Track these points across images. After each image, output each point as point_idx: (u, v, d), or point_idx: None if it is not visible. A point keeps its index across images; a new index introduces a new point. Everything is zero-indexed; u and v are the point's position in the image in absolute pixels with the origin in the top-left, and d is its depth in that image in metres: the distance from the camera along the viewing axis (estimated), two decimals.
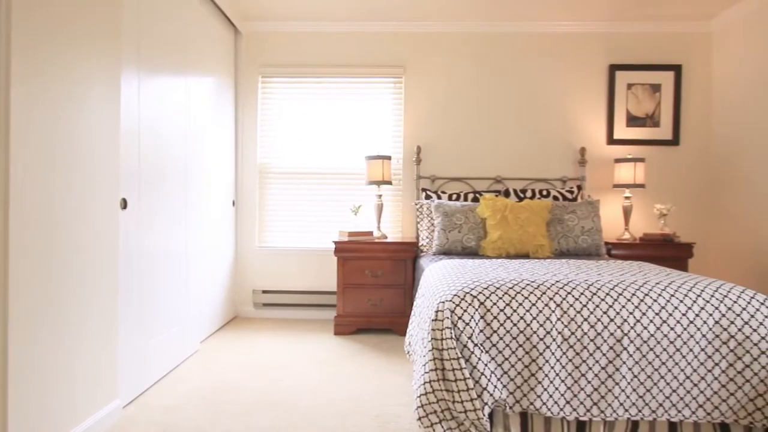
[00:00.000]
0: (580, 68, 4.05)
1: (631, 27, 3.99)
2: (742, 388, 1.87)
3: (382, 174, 3.73)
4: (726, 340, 1.89)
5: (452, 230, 3.38)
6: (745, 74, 3.64)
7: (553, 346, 1.88)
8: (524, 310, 1.93)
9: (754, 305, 1.93)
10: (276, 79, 4.13)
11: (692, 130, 4.03)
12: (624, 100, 4.00)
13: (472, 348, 1.84)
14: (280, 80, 4.13)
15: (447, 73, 4.08)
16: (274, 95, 4.15)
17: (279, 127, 4.14)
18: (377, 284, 3.55)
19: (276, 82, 4.14)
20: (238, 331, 3.58)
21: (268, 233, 4.15)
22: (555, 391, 1.86)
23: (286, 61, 4.10)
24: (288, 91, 4.14)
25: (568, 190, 3.79)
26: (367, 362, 2.90)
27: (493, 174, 4.06)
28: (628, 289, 2.00)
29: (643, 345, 1.89)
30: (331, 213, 4.12)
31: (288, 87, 4.13)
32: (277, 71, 4.10)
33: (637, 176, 3.69)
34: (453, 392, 1.78)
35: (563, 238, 3.35)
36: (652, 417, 1.89)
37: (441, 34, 4.08)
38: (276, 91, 4.14)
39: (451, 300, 1.94)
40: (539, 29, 4.03)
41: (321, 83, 4.12)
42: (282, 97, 4.14)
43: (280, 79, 4.13)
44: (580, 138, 4.05)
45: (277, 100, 4.14)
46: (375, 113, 4.12)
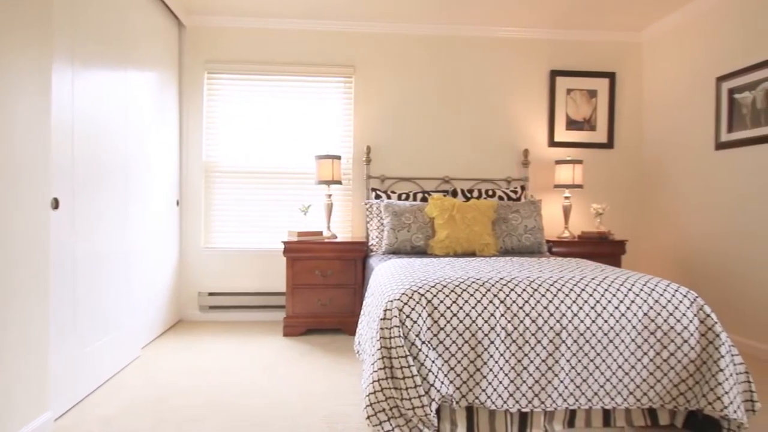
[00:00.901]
0: (524, 73, 4.21)
1: (571, 35, 4.19)
2: (667, 375, 2.01)
3: (332, 174, 3.72)
4: (653, 330, 2.03)
5: (401, 230, 3.43)
6: (671, 82, 3.92)
7: (497, 341, 1.95)
8: (470, 307, 1.98)
9: (678, 298, 2.08)
10: (223, 76, 4.02)
11: (625, 134, 4.29)
12: (564, 104, 4.20)
13: (420, 345, 1.88)
14: (227, 77, 4.02)
15: (397, 74, 4.13)
16: (221, 92, 4.03)
17: (226, 125, 4.03)
18: (327, 284, 3.54)
19: (223, 78, 4.03)
20: (183, 336, 3.47)
21: (215, 234, 4.04)
22: (499, 384, 1.92)
23: (233, 57, 4.00)
24: (236, 88, 4.04)
25: (513, 191, 3.93)
26: (317, 363, 2.89)
27: (442, 174, 4.14)
28: (566, 285, 2.11)
29: (580, 338, 1.99)
30: (280, 213, 4.06)
31: (236, 84, 4.04)
32: (224, 67, 3.99)
33: (575, 177, 3.88)
34: (401, 390, 1.80)
35: (508, 237, 3.48)
36: (588, 405, 2.00)
37: (391, 36, 4.12)
38: (223, 88, 4.03)
39: (399, 299, 1.97)
40: (486, 34, 4.15)
41: (270, 81, 4.05)
42: (229, 95, 4.04)
43: (227, 75, 4.02)
44: (523, 140, 4.21)
45: (224, 98, 4.04)
46: (325, 113, 4.10)
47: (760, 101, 3.06)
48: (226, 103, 4.03)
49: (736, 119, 3.24)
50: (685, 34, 3.76)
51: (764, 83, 3.03)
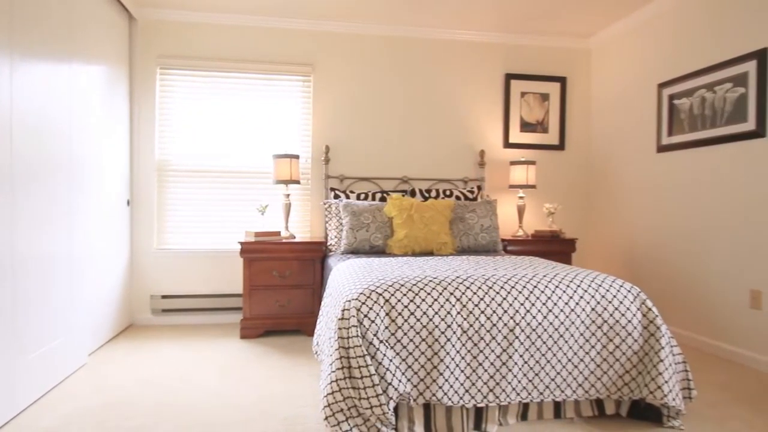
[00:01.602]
0: (480, 76, 4.30)
1: (524, 40, 4.32)
2: (613, 367, 2.11)
3: (290, 173, 3.68)
4: (600, 324, 2.13)
5: (360, 229, 3.43)
6: (617, 87, 4.11)
7: (454, 338, 1.99)
8: (427, 305, 2.02)
9: (623, 293, 2.19)
10: (177, 72, 3.90)
11: (575, 137, 4.46)
12: (518, 107, 4.32)
13: (378, 345, 1.89)
14: (182, 73, 3.90)
15: (356, 74, 4.13)
16: (175, 88, 3.91)
17: (181, 123, 3.91)
18: (285, 285, 3.50)
19: (176, 74, 3.90)
20: (134, 340, 3.34)
21: (169, 234, 3.91)
22: (455, 381, 1.96)
23: (188, 53, 3.89)
24: (191, 84, 3.92)
25: (469, 190, 4.01)
26: (275, 365, 2.85)
27: (400, 174, 4.18)
28: (519, 282, 2.17)
29: (532, 333, 2.06)
30: (237, 213, 3.98)
31: (190, 80, 3.92)
32: (178, 63, 3.87)
33: (529, 178, 4.00)
34: (359, 389, 1.81)
35: (464, 236, 3.55)
36: (540, 398, 2.07)
37: (350, 35, 4.11)
38: (177, 84, 3.91)
39: (357, 298, 1.97)
40: (444, 36, 4.21)
41: (226, 78, 3.96)
42: (184, 91, 3.92)
43: (182, 71, 3.90)
44: (480, 141, 4.31)
45: (179, 94, 3.91)
46: (283, 111, 4.05)
47: (696, 107, 3.26)
48: (180, 100, 3.91)
49: (676, 124, 3.44)
50: (630, 42, 3.95)
51: (700, 91, 3.22)
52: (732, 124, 2.99)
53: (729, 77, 3.01)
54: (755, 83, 2.83)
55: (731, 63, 2.99)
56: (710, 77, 3.14)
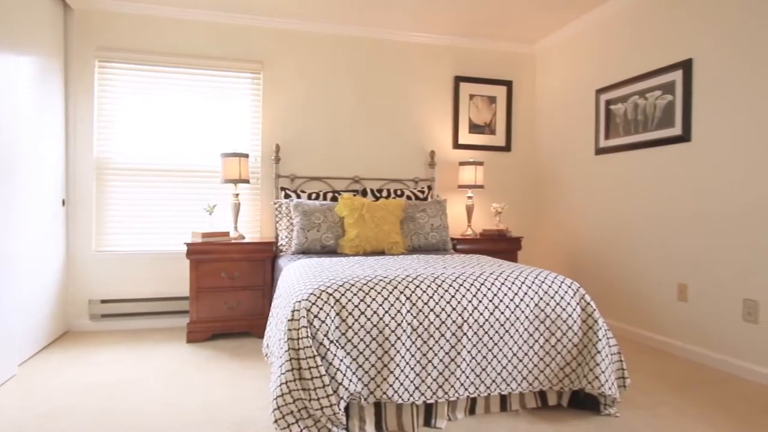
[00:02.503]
0: (430, 77, 4.37)
1: (473, 43, 4.43)
2: (555, 360, 2.21)
3: (239, 172, 3.60)
4: (543, 319, 2.22)
5: (311, 229, 3.41)
6: (559, 92, 4.29)
7: (404, 337, 2.01)
8: (377, 304, 2.03)
9: (564, 288, 2.30)
10: (117, 65, 3.72)
11: (521, 139, 4.63)
12: (467, 109, 4.43)
13: (328, 345, 1.89)
14: (123, 66, 3.73)
15: (307, 73, 4.09)
16: (116, 83, 3.73)
17: (122, 119, 3.73)
18: (234, 286, 3.42)
19: (117, 68, 3.72)
20: (71, 348, 3.16)
21: (109, 236, 3.72)
22: (405, 378, 1.99)
23: (130, 46, 3.71)
24: (133, 79, 3.75)
25: (420, 190, 4.07)
26: (224, 368, 2.79)
27: (352, 174, 4.18)
28: (467, 280, 2.23)
29: (480, 329, 2.13)
30: (184, 213, 3.85)
31: (133, 75, 3.75)
32: (119, 56, 3.69)
33: (477, 178, 4.11)
34: (309, 390, 1.80)
35: (415, 235, 3.60)
36: (487, 393, 2.14)
37: (301, 33, 4.07)
38: (118, 78, 3.73)
39: (307, 299, 1.96)
40: (395, 37, 4.25)
41: (172, 73, 3.81)
42: (126, 86, 3.74)
43: (123, 65, 3.73)
44: (430, 142, 4.38)
45: (120, 89, 3.73)
46: (232, 109, 3.95)
47: (630, 112, 3.47)
48: (121, 95, 3.73)
49: (612, 128, 3.64)
50: (571, 49, 4.14)
51: (633, 97, 3.43)
52: (661, 129, 3.20)
53: (658, 85, 3.22)
54: (681, 91, 3.05)
55: (660, 72, 3.20)
56: (642, 84, 3.35)
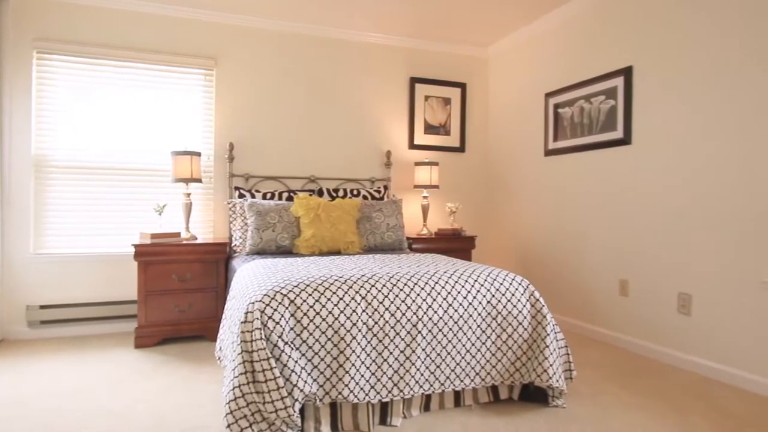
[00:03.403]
0: (386, 78, 4.40)
1: (428, 45, 4.49)
2: (506, 355, 2.29)
3: (191, 171, 3.50)
4: (495, 316, 2.29)
5: (266, 229, 3.36)
6: (510, 94, 4.42)
7: (359, 336, 2.02)
8: (332, 304, 2.03)
9: (514, 286, 2.38)
10: (58, 57, 3.52)
11: (474, 139, 4.74)
12: (422, 110, 4.49)
13: (283, 347, 1.88)
14: (65, 59, 3.53)
15: (262, 70, 4.02)
16: (57, 76, 3.53)
17: (64, 114, 3.54)
18: (186, 289, 3.32)
19: (58, 60, 3.53)
20: (6, 358, 2.97)
21: (49, 237, 3.53)
22: (361, 378, 2.00)
23: (72, 37, 3.53)
24: (77, 73, 3.56)
25: (376, 190, 4.09)
26: (174, 374, 2.70)
27: (308, 173, 4.15)
28: (422, 279, 2.27)
29: (434, 327, 2.17)
30: (132, 213, 3.69)
31: (76, 68, 3.56)
32: (60, 48, 3.49)
33: (432, 178, 4.18)
34: (263, 393, 1.78)
35: (371, 235, 3.61)
36: (442, 389, 2.18)
37: (256, 30, 4.00)
38: (59, 71, 3.53)
39: (261, 300, 1.94)
40: (352, 37, 4.25)
41: (119, 68, 3.65)
42: (68, 80, 3.55)
43: (65, 57, 3.53)
44: (386, 142, 4.41)
45: (61, 83, 3.54)
46: (183, 106, 3.83)
47: (576, 116, 3.62)
48: (63, 90, 3.54)
49: (560, 130, 3.79)
50: (522, 53, 4.27)
51: (579, 101, 3.58)
52: (605, 132, 3.36)
53: (602, 90, 3.38)
54: (623, 97, 3.21)
55: (604, 78, 3.36)
56: (587, 89, 3.50)
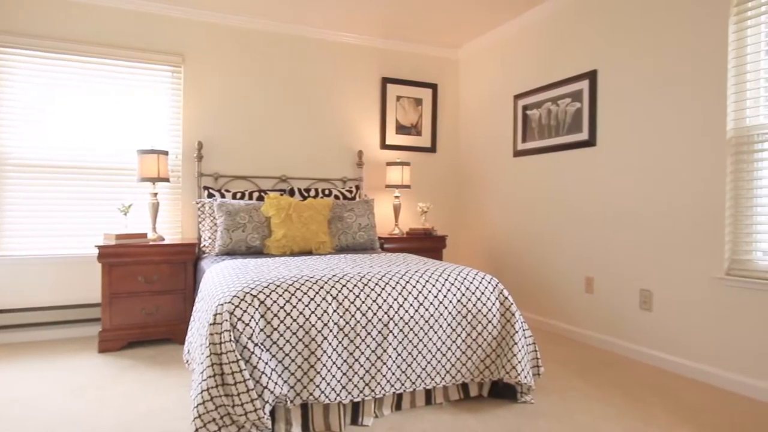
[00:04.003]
0: (358, 78, 4.40)
1: (400, 46, 4.51)
2: (476, 353, 2.32)
3: (158, 170, 3.41)
4: (465, 314, 2.32)
5: (236, 230, 3.31)
6: (480, 96, 4.49)
7: (330, 336, 2.02)
8: (303, 305, 2.02)
9: (484, 284, 2.41)
10: (16, 51, 3.38)
11: (446, 140, 4.78)
12: (394, 110, 4.51)
13: (252, 348, 1.86)
14: (26, 53, 3.39)
15: (232, 68, 3.96)
16: (17, 71, 3.38)
17: (22, 110, 3.39)
18: (153, 291, 3.24)
19: (18, 54, 3.38)
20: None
21: (5, 239, 3.38)
22: (332, 378, 2.00)
23: (33, 30, 3.39)
24: (38, 67, 3.42)
25: (348, 190, 4.09)
26: (141, 378, 2.63)
27: (279, 173, 4.11)
28: (393, 278, 2.28)
29: (405, 326, 2.18)
30: (95, 214, 3.58)
31: (38, 63, 3.42)
32: (18, 42, 3.35)
33: (404, 178, 4.20)
34: (232, 396, 1.76)
35: (343, 235, 3.61)
36: (413, 388, 2.20)
37: (226, 27, 3.93)
38: (18, 65, 3.38)
39: (230, 301, 1.91)
40: (325, 36, 4.23)
41: (83, 63, 3.53)
42: (29, 74, 3.40)
43: (26, 52, 3.39)
44: (358, 142, 4.41)
45: (22, 78, 3.39)
46: (150, 104, 3.73)
47: (543, 118, 3.70)
48: (22, 84, 3.39)
49: (528, 131, 3.87)
50: (492, 55, 4.34)
51: (547, 103, 3.67)
52: (571, 134, 3.45)
53: (568, 93, 3.47)
54: (588, 100, 3.30)
55: (570, 81, 3.45)
56: (555, 92, 3.59)
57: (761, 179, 2.43)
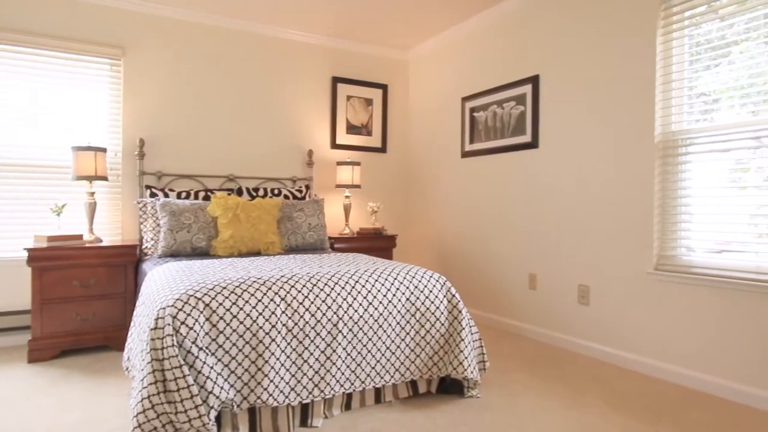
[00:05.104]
0: (308, 76, 4.36)
1: (351, 46, 4.51)
2: (424, 350, 2.36)
3: (95, 168, 3.24)
4: (414, 312, 2.36)
5: (180, 230, 3.20)
6: (430, 98, 4.57)
7: (278, 338, 2.00)
8: (250, 307, 1.99)
9: (432, 282, 2.46)
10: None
11: (396, 141, 4.83)
12: (344, 110, 4.50)
13: (197, 353, 1.80)
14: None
15: (177, 63, 3.82)
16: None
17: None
18: (89, 295, 3.08)
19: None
20: None
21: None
22: (281, 380, 1.98)
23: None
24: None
25: (298, 190, 4.05)
26: (76, 388, 2.49)
27: (226, 172, 4.00)
28: (342, 278, 2.28)
29: (354, 326, 2.19)
30: (26, 214, 3.35)
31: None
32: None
33: (354, 178, 4.21)
34: (175, 403, 1.70)
35: (293, 235, 3.57)
36: (362, 387, 2.21)
37: (169, 20, 3.78)
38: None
39: (173, 305, 1.85)
40: (272, 33, 4.16)
41: (12, 53, 3.28)
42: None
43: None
44: (308, 141, 4.37)
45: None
46: (87, 98, 3.53)
47: (490, 120, 3.82)
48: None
49: (476, 133, 3.98)
50: (440, 57, 4.42)
51: (492, 106, 3.78)
52: (516, 136, 3.58)
53: (513, 96, 3.59)
54: (531, 103, 3.44)
55: (515, 85, 3.57)
56: (500, 95, 3.71)
57: (685, 180, 2.62)
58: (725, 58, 2.47)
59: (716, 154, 2.48)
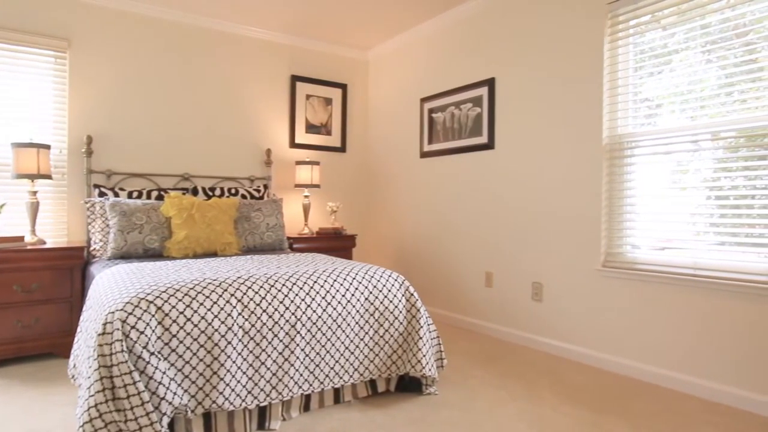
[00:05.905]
0: (267, 74, 4.29)
1: (310, 44, 4.47)
2: (383, 349, 2.38)
3: (38, 166, 3.08)
4: (372, 312, 2.37)
5: (131, 231, 3.09)
6: (389, 98, 4.59)
7: (235, 341, 1.96)
8: (205, 309, 1.94)
9: (390, 282, 2.48)
10: None
11: (355, 140, 4.83)
12: (304, 109, 4.46)
13: (148, 358, 1.75)
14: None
15: (128, 58, 3.67)
16: None
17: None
18: (31, 301, 2.92)
19: None
20: None
21: None
22: (237, 384, 1.94)
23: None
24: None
25: (256, 189, 3.98)
26: (17, 399, 2.36)
27: (181, 171, 3.89)
28: (300, 279, 2.27)
29: (313, 326, 2.18)
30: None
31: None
32: None
33: (314, 178, 4.18)
34: (125, 411, 1.64)
35: (250, 235, 3.51)
36: (321, 388, 2.20)
37: (120, 12, 3.63)
38: None
39: (123, 309, 1.78)
40: (231, 30, 4.07)
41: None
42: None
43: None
44: (266, 140, 4.30)
45: None
46: (28, 92, 3.34)
47: (448, 121, 3.88)
48: None
49: (434, 134, 4.03)
50: (400, 58, 4.46)
51: (450, 107, 3.85)
52: (473, 137, 3.65)
53: (470, 98, 3.66)
54: (487, 105, 3.52)
55: (472, 87, 3.64)
56: (458, 97, 3.77)
57: (630, 181, 2.75)
58: (667, 66, 2.61)
59: (659, 156, 2.62)
